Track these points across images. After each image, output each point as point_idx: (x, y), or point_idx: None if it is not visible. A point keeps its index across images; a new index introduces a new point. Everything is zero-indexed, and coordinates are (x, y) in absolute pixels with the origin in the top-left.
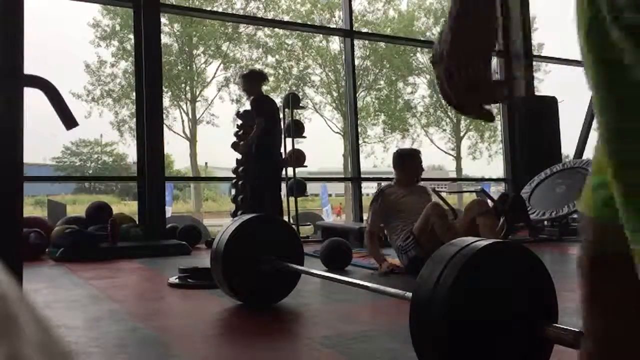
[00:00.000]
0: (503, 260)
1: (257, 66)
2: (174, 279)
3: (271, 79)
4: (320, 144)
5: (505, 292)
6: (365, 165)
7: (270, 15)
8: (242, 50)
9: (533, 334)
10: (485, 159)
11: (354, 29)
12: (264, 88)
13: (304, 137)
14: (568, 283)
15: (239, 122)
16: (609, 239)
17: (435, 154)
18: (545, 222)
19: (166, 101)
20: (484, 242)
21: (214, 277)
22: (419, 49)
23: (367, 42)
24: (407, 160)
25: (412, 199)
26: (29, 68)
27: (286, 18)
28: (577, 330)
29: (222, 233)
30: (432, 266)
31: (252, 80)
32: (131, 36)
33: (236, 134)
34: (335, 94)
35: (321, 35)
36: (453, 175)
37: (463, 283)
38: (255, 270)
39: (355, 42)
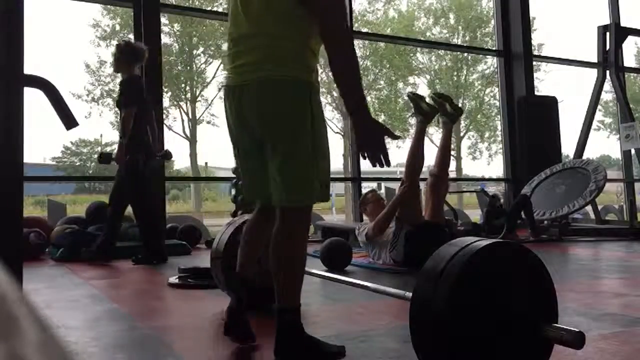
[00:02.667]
0: (503, 260)
1: None
2: (174, 279)
3: None
4: None
5: (505, 292)
6: (366, 165)
7: None
8: None
9: (533, 334)
10: (485, 159)
11: (354, 29)
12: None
13: None
14: (568, 283)
15: None
16: None
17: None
18: (545, 222)
19: (166, 101)
20: (484, 242)
21: (213, 276)
22: (419, 49)
23: (367, 42)
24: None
25: None
26: (29, 68)
27: None
28: (577, 330)
29: (223, 233)
30: (432, 266)
31: (128, 55)
32: (131, 36)
33: None
34: (335, 94)
35: None
36: (453, 175)
37: (463, 283)
38: (255, 270)
39: (355, 42)
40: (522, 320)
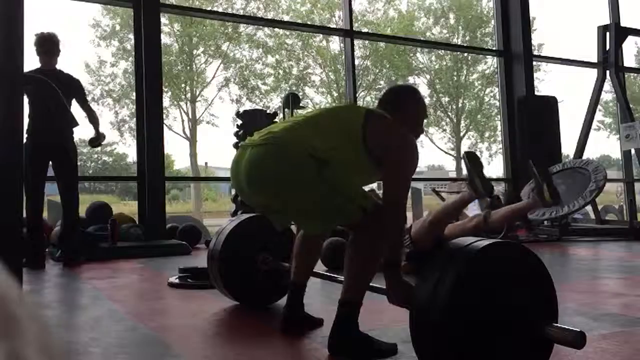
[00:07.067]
0: (503, 260)
1: (257, 66)
2: (174, 279)
3: (271, 79)
4: None
5: (505, 292)
6: None
7: (270, 15)
8: (242, 50)
9: (533, 334)
10: (486, 159)
11: (354, 29)
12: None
13: None
14: (568, 283)
15: (239, 122)
16: None
17: (435, 154)
18: (545, 222)
19: (166, 101)
20: (484, 242)
21: (210, 277)
22: (419, 49)
23: (367, 42)
24: None
25: None
26: (30, 68)
27: (286, 18)
28: (577, 330)
29: (220, 233)
30: (433, 266)
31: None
32: (131, 36)
33: (236, 134)
34: (335, 94)
35: (321, 35)
36: (453, 175)
37: (463, 283)
38: (252, 270)
39: (355, 42)
40: (523, 320)
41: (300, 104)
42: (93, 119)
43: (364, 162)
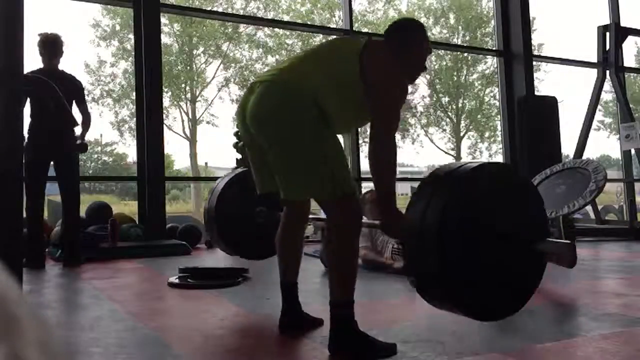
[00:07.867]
0: (492, 180)
1: (257, 66)
2: (174, 279)
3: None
4: None
5: (496, 211)
6: (366, 165)
7: (270, 15)
8: (242, 50)
9: (525, 250)
10: (485, 159)
11: (354, 29)
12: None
13: None
14: (568, 283)
15: None
16: None
17: (435, 154)
18: None
19: (166, 101)
20: (473, 164)
21: (209, 234)
22: None
23: None
24: None
25: None
26: (30, 68)
27: (286, 18)
28: (568, 242)
29: (213, 192)
30: (422, 191)
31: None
32: (131, 36)
33: (236, 134)
34: None
35: (321, 35)
36: None
37: (454, 203)
38: (249, 224)
39: None
40: (515, 238)
41: None
42: (86, 123)
43: (363, 96)
